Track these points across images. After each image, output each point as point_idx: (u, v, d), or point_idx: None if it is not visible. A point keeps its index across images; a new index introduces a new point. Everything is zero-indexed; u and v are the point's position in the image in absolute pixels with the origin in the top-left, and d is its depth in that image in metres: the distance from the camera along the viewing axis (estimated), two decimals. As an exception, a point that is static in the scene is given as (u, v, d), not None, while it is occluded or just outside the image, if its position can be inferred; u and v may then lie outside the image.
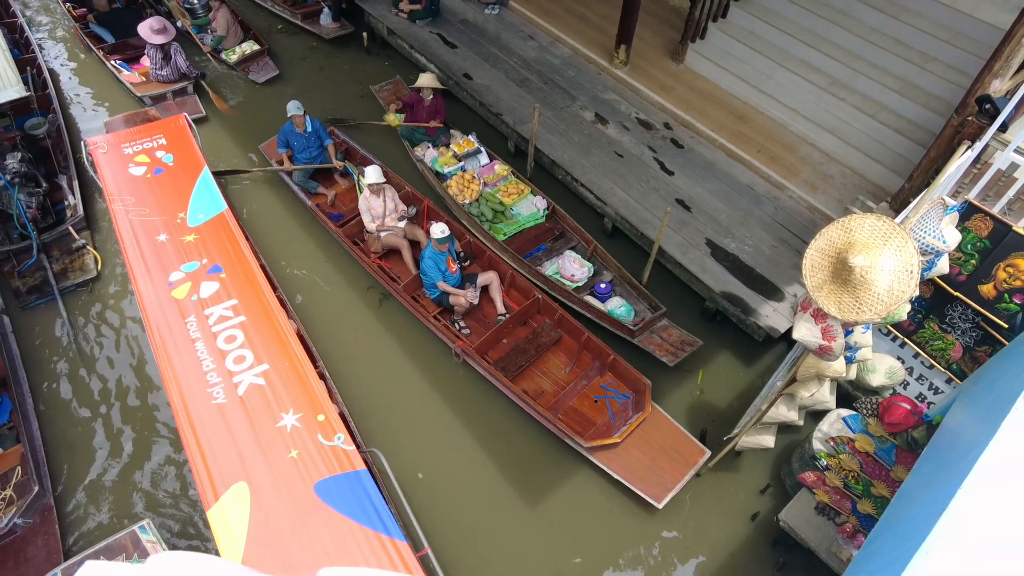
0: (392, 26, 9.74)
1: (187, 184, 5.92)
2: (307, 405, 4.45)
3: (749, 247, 6.98)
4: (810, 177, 7.56)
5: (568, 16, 9.82)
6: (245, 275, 5.21)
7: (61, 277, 6.86)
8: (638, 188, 7.53)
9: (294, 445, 4.20)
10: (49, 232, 7.02)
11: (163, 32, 8.67)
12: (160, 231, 5.56)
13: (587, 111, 8.47)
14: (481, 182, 7.61)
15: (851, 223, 3.65)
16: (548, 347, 6.49)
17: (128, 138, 6.64)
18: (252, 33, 9.83)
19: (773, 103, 8.22)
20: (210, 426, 4.28)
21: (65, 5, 10.20)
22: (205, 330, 4.82)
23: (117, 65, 9.24)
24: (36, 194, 6.94)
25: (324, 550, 3.72)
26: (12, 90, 6.95)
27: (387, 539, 3.83)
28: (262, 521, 3.82)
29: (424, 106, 8.07)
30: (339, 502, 3.92)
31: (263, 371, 4.59)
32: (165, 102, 8.92)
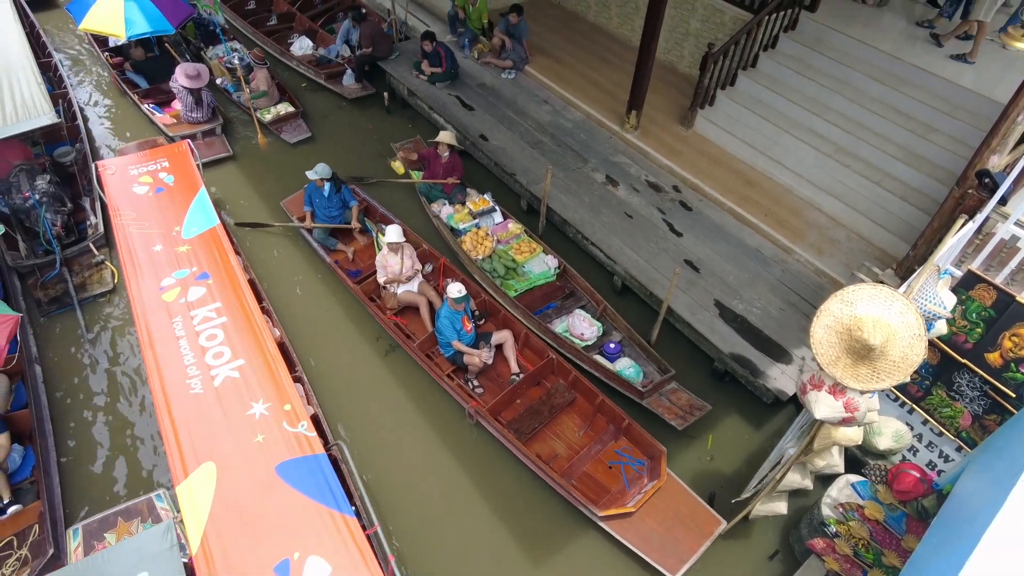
0: (413, 87, 10.16)
1: (184, 201, 6.47)
2: (276, 396, 4.85)
3: (757, 309, 7.09)
4: (817, 241, 7.72)
5: (581, 82, 10.21)
6: (230, 282, 5.70)
7: (80, 289, 7.45)
8: (647, 248, 7.71)
9: (261, 430, 4.59)
10: (71, 248, 7.65)
11: (197, 78, 9.40)
12: (156, 242, 6.09)
13: (598, 173, 8.73)
14: (495, 239, 7.82)
15: (849, 295, 3.75)
16: (562, 409, 6.52)
17: (135, 161, 7.22)
18: (287, 95, 10.29)
19: (780, 168, 8.46)
20: (185, 412, 4.70)
21: (104, 55, 10.92)
22: (189, 329, 5.28)
23: (151, 108, 9.96)
24: (61, 213, 7.61)
25: (280, 522, 4.09)
26: (45, 117, 7.56)
27: (338, 514, 4.18)
28: (226, 497, 4.21)
29: (441, 162, 8.36)
30: (297, 481, 4.29)
31: (239, 365, 5.02)
32: (195, 142, 9.40)
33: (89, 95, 10.76)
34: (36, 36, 10.72)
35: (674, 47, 10.35)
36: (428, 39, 9.90)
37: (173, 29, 9.20)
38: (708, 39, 9.46)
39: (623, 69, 10.17)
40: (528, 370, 6.77)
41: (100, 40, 11.05)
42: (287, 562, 3.91)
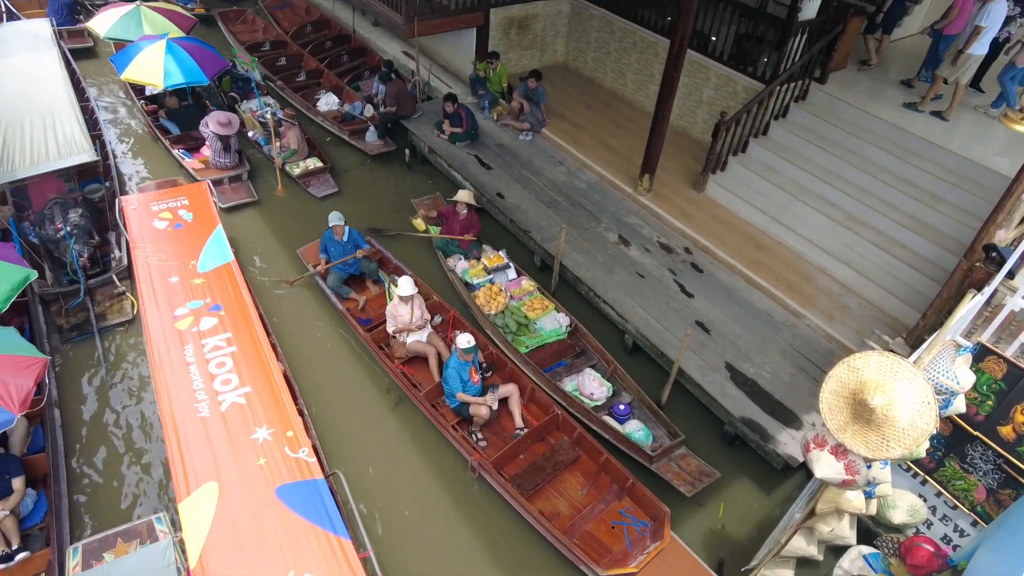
0: (433, 146, 10.50)
1: (202, 237, 6.77)
2: (279, 422, 5.01)
3: (768, 373, 7.10)
4: (827, 307, 7.77)
5: (596, 145, 10.51)
6: (241, 314, 5.92)
7: (101, 318, 7.72)
8: (658, 308, 7.79)
9: (263, 454, 4.75)
10: (95, 279, 7.97)
11: (228, 126, 9.86)
12: (173, 274, 6.36)
13: (611, 232, 8.90)
14: (508, 295, 7.94)
15: (857, 362, 3.78)
16: (565, 466, 6.48)
17: (156, 198, 7.55)
18: (317, 151, 10.65)
19: (790, 234, 8.59)
20: (191, 434, 4.86)
21: (140, 102, 11.50)
22: (200, 356, 5.51)
23: (181, 153, 10.40)
24: (89, 245, 8.01)
25: (277, 542, 4.22)
26: (85, 155, 8.12)
27: (334, 537, 4.30)
28: (226, 515, 4.34)
29: (458, 219, 8.56)
30: (296, 503, 4.45)
31: (245, 392, 5.20)
32: (221, 186, 9.87)
33: (121, 138, 11.31)
34: (77, 82, 11.29)
35: (687, 113, 10.67)
36: (450, 100, 10.29)
37: (207, 80, 9.80)
38: (721, 107, 9.77)
39: (637, 133, 10.47)
40: (533, 425, 6.76)
41: (137, 88, 11.62)
42: None
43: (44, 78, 9.29)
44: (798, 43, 9.06)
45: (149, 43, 9.76)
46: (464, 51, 12.19)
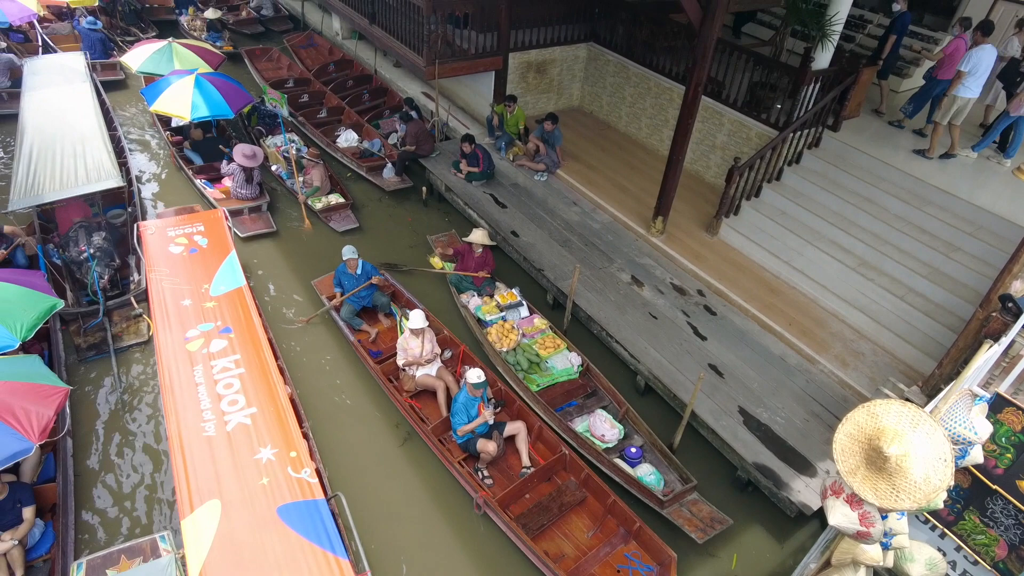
0: (450, 184, 10.66)
1: (215, 262, 6.92)
2: (283, 443, 5.08)
3: (781, 418, 7.02)
4: (841, 353, 7.71)
5: (610, 187, 10.63)
6: (251, 337, 6.03)
7: (117, 339, 7.91)
8: (671, 349, 7.76)
9: (266, 474, 4.82)
10: (114, 300, 8.16)
11: (253, 158, 10.10)
12: (186, 297, 6.49)
13: (624, 273, 8.94)
14: (520, 332, 7.95)
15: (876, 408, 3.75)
16: (572, 507, 6.39)
17: (174, 224, 7.74)
18: (339, 187, 10.85)
19: (803, 278, 8.58)
20: (197, 452, 4.94)
21: (165, 133, 11.87)
22: (208, 377, 5.59)
23: (203, 184, 10.66)
24: (110, 267, 8.31)
25: (276, 560, 4.27)
26: (112, 180, 8.47)
27: (332, 556, 4.34)
28: (227, 533, 4.39)
29: (473, 257, 8.64)
30: (296, 523, 4.50)
31: (251, 413, 5.28)
32: (241, 216, 10.13)
33: (146, 166, 11.67)
34: (106, 112, 11.67)
35: (701, 158, 10.80)
36: (468, 141, 10.49)
37: (232, 114, 10.13)
38: (734, 152, 9.89)
39: (650, 176, 10.60)
40: (540, 464, 6.69)
41: (163, 120, 12.08)
42: None
43: (76, 108, 9.69)
44: (811, 92, 9.21)
45: (179, 77, 10.14)
46: (482, 93, 12.47)
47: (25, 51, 14.01)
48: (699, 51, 8.02)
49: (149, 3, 17.43)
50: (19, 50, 14.00)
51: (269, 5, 17.58)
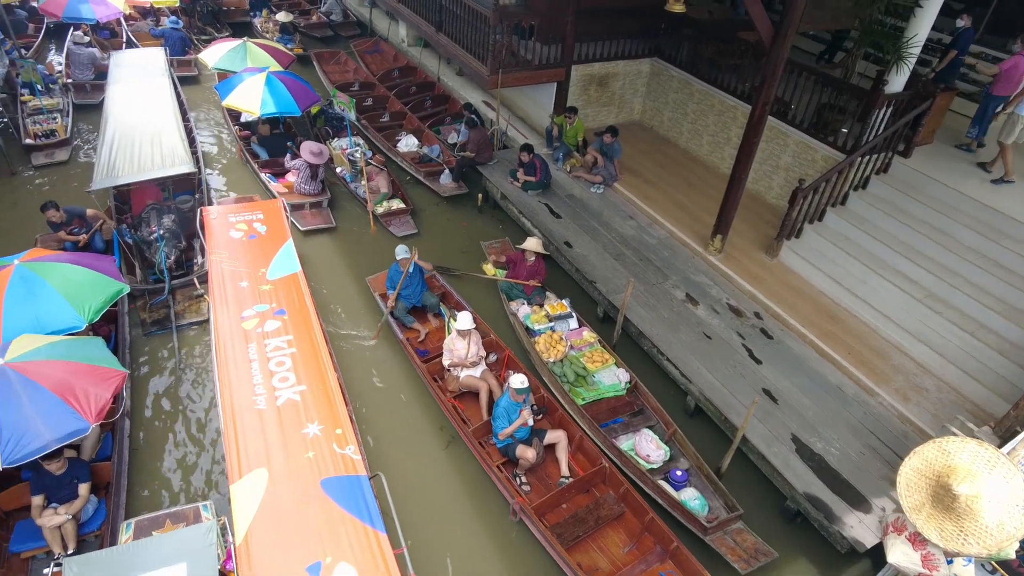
0: (506, 192, 10.71)
1: (273, 249, 7.16)
2: (329, 420, 5.23)
3: (836, 450, 6.77)
4: (902, 387, 7.40)
5: (668, 203, 10.50)
6: (303, 321, 6.22)
7: (179, 316, 8.37)
8: (724, 371, 7.59)
9: (312, 448, 4.98)
10: (178, 280, 8.60)
11: (319, 155, 10.37)
12: (244, 279, 6.72)
13: (678, 290, 8.80)
14: (568, 344, 7.89)
15: (949, 445, 3.60)
16: (609, 521, 6.28)
17: (235, 211, 8.04)
18: (400, 193, 11.00)
19: (865, 307, 8.29)
20: (248, 423, 5.15)
21: (235, 127, 12.39)
22: (261, 355, 5.81)
23: (268, 178, 11.03)
24: (177, 249, 8.76)
25: (317, 529, 4.41)
26: (185, 166, 8.92)
27: (371, 530, 4.45)
28: (272, 500, 4.57)
29: (525, 265, 8.64)
30: (338, 496, 4.64)
31: (300, 391, 5.47)
32: (302, 211, 10.46)
33: (214, 157, 12.17)
34: (180, 104, 12.22)
35: (763, 178, 10.59)
36: (526, 150, 10.53)
37: (299, 112, 10.50)
38: (798, 174, 9.66)
39: (709, 194, 10.44)
40: (579, 475, 6.60)
41: (233, 114, 12.56)
42: (319, 564, 4.20)
43: (155, 100, 10.22)
44: (882, 116, 8.94)
45: (251, 75, 10.56)
46: (542, 104, 12.52)
47: (111, 46, 14.76)
48: (768, 70, 7.88)
49: (225, 5, 18.17)
50: (105, 45, 14.77)
51: (338, 11, 18.09)
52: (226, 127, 12.98)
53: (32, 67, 12.53)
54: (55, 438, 5.04)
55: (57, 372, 5.38)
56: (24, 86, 12.44)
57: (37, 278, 6.25)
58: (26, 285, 6.20)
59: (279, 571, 4.17)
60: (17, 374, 5.23)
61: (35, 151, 11.36)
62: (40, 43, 15.48)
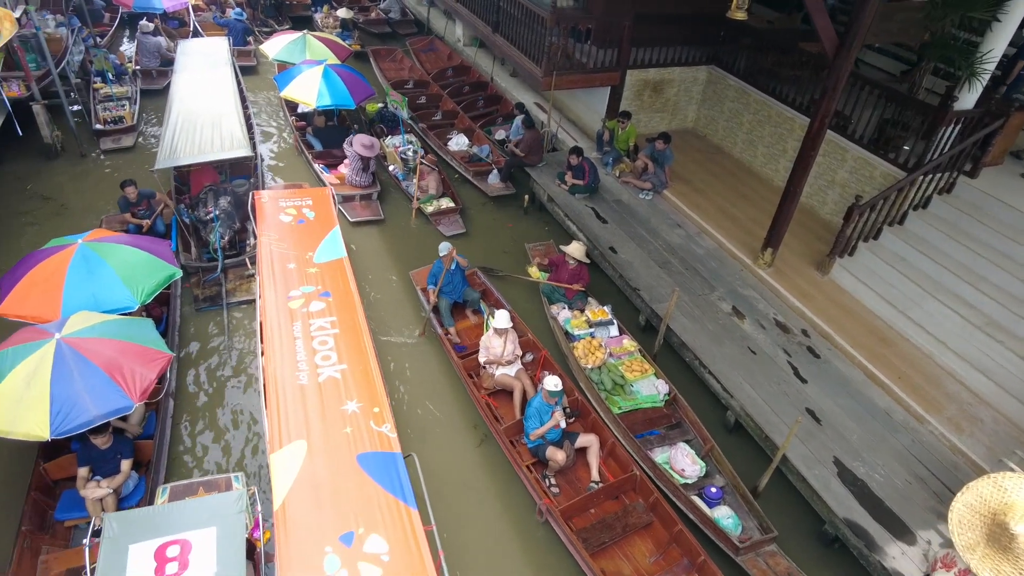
0: (553, 194, 10.67)
1: (320, 234, 7.36)
2: (368, 399, 5.39)
3: (880, 476, 6.53)
4: (955, 416, 7.09)
5: (717, 212, 10.31)
6: (346, 304, 6.41)
7: (230, 294, 8.68)
8: (768, 388, 7.40)
9: (350, 424, 5.14)
10: (231, 259, 8.92)
11: (371, 148, 10.55)
12: (291, 261, 6.94)
13: (724, 302, 8.62)
14: (607, 351, 7.79)
15: (1007, 482, 3.43)
16: (636, 529, 6.18)
17: (285, 196, 8.29)
18: (450, 192, 11.05)
19: (920, 331, 7.97)
20: (290, 397, 5.33)
21: (291, 118, 12.71)
22: (306, 333, 6.00)
23: (321, 168, 11.24)
24: (231, 229, 9.10)
25: (351, 501, 4.54)
26: (243, 150, 9.24)
27: (403, 505, 4.58)
28: (309, 473, 4.73)
29: (567, 269, 8.58)
30: (372, 470, 4.79)
31: (341, 369, 5.65)
32: (352, 202, 10.65)
33: (270, 145, 12.53)
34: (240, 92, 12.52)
35: (817, 193, 10.31)
36: (576, 153, 10.48)
37: (354, 105, 10.69)
38: (855, 190, 9.38)
39: (761, 207, 10.21)
40: (609, 480, 6.52)
41: (290, 105, 12.90)
42: (351, 534, 4.35)
43: (218, 86, 10.60)
44: (950, 134, 8.60)
45: (309, 67, 10.81)
46: (594, 108, 12.46)
47: (178, 35, 15.36)
48: (830, 82, 7.66)
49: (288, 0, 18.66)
50: (173, 34, 15.41)
51: (397, 9, 18.36)
52: (283, 117, 13.33)
53: (104, 56, 13.11)
54: (100, 413, 5.20)
55: (107, 350, 5.55)
56: (97, 74, 12.99)
57: (98, 258, 6.48)
58: (87, 264, 6.42)
59: (313, 538, 4.31)
60: (71, 349, 5.41)
61: (103, 136, 11.85)
62: (114, 32, 16.18)
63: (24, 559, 5.32)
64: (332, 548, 4.25)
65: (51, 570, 5.43)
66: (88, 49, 13.87)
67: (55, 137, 11.25)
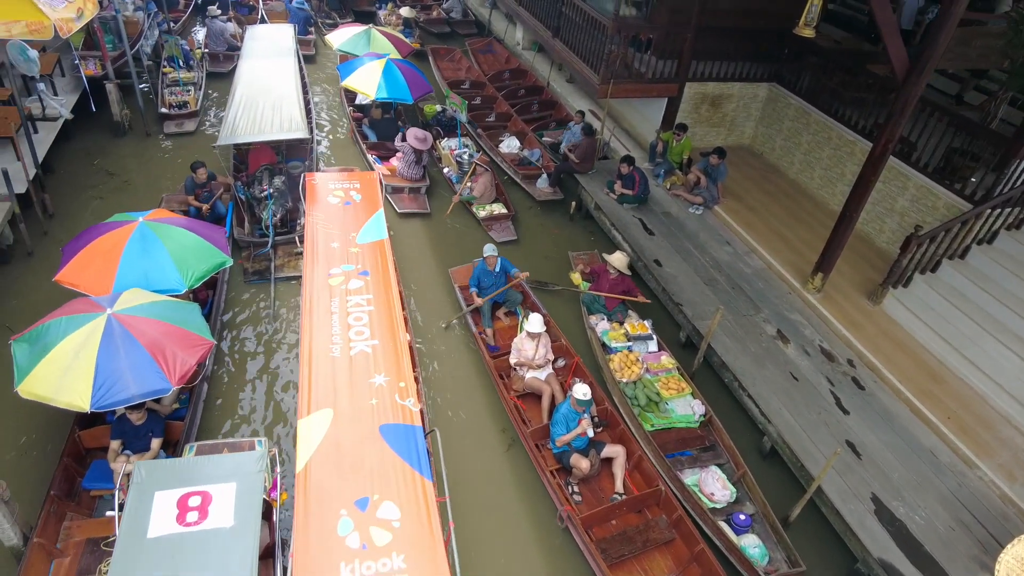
0: (600, 203, 10.57)
1: (365, 216, 7.56)
2: (395, 374, 5.56)
3: (920, 519, 6.25)
4: (1008, 463, 6.73)
5: (769, 233, 10.05)
6: (384, 283, 6.58)
7: (279, 269, 9.06)
8: (807, 417, 7.16)
9: (376, 396, 5.31)
10: (281, 237, 9.27)
11: (424, 141, 10.72)
12: (335, 240, 7.14)
13: (769, 325, 8.40)
14: (644, 367, 7.65)
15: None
16: (657, 545, 6.05)
17: (335, 178, 8.51)
18: (503, 197, 10.97)
19: (974, 371, 7.61)
20: (322, 367, 5.54)
21: (349, 108, 12.97)
22: (342, 309, 6.20)
23: (374, 159, 11.48)
24: (283, 207, 9.45)
25: (370, 468, 4.71)
26: (301, 132, 9.63)
27: (419, 476, 4.72)
28: (333, 439, 4.91)
29: (608, 279, 8.47)
30: (393, 441, 4.95)
31: (373, 344, 5.83)
32: (401, 194, 10.87)
33: (326, 132, 12.87)
34: (302, 78, 12.86)
35: (874, 220, 9.97)
36: (627, 162, 10.36)
37: (412, 100, 10.86)
38: (915, 220, 9.04)
39: (814, 230, 9.92)
40: (633, 493, 6.41)
41: (349, 96, 13.16)
42: (367, 499, 4.50)
43: (281, 71, 10.97)
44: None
45: (371, 59, 11.05)
46: (649, 118, 12.33)
47: (247, 21, 15.85)
48: (898, 106, 7.41)
49: (355, -7, 19.08)
50: (242, 20, 16.01)
51: (459, 9, 18.53)
52: (339, 107, 13.63)
53: (176, 43, 13.61)
54: (139, 392, 5.28)
55: (153, 331, 5.64)
56: (167, 59, 13.49)
57: (155, 238, 6.63)
58: (144, 243, 6.57)
59: (331, 500, 4.48)
60: (120, 326, 5.52)
61: (167, 120, 12.27)
62: (188, 18, 16.76)
63: (49, 523, 5.44)
64: (347, 511, 4.42)
65: (72, 537, 5.54)
66: (161, 34, 14.41)
67: (124, 116, 11.71)
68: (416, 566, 4.15)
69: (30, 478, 6.04)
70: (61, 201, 9.80)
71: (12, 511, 5.22)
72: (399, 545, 4.26)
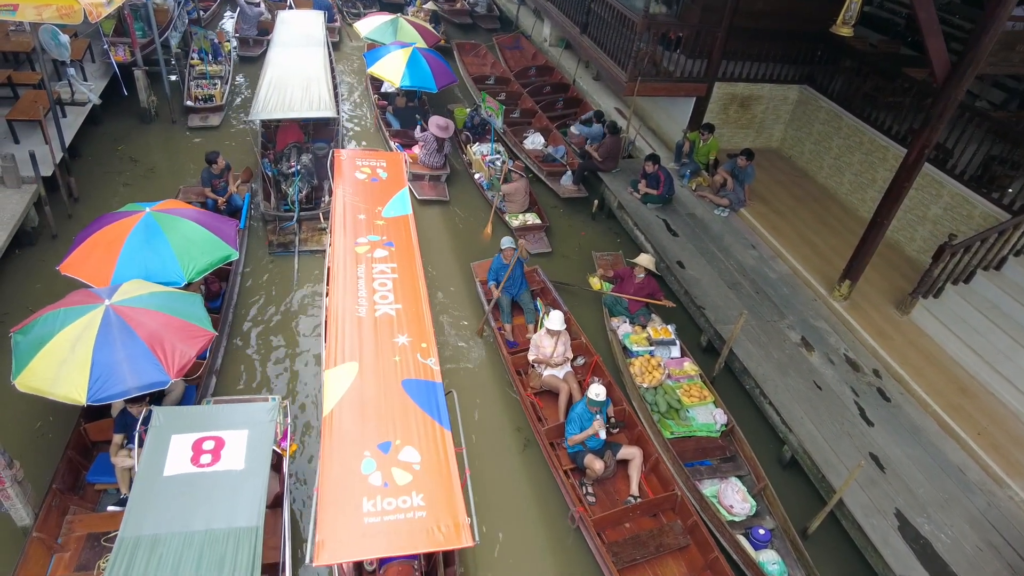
0: (624, 202, 10.42)
1: (390, 192, 7.71)
2: (417, 334, 5.78)
3: (947, 537, 6.04)
4: (1042, 484, 6.55)
5: (796, 238, 9.84)
6: (407, 254, 6.78)
7: (303, 243, 9.41)
8: (830, 427, 6.97)
9: (399, 354, 5.53)
10: (306, 212, 9.62)
11: (446, 130, 10.74)
12: (362, 212, 7.28)
13: (793, 332, 8.20)
14: (666, 372, 7.50)
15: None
16: (670, 550, 5.92)
17: (362, 156, 8.58)
18: (537, 208, 10.53)
19: (1007, 387, 7.36)
20: (348, 325, 5.76)
21: (374, 96, 13.05)
22: (368, 275, 6.41)
23: (396, 147, 11.59)
24: (309, 184, 9.80)
25: (392, 417, 4.96)
26: (329, 111, 10.05)
27: (438, 426, 4.94)
28: (358, 389, 5.13)
29: (633, 282, 8.33)
30: (415, 395, 5.17)
31: (396, 308, 6.04)
32: (422, 181, 10.97)
33: (351, 117, 13.07)
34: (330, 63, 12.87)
35: (905, 227, 9.71)
36: (652, 161, 10.20)
37: (436, 89, 10.88)
38: (948, 229, 8.79)
39: (843, 236, 9.70)
40: (648, 496, 6.28)
41: (375, 83, 13.22)
42: (389, 444, 4.72)
43: (310, 53, 11.26)
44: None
45: (398, 48, 11.11)
46: (676, 118, 12.15)
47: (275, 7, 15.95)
48: (935, 111, 7.19)
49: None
50: (271, 6, 16.11)
51: (484, 3, 18.41)
52: (366, 93, 13.72)
53: (204, 35, 13.68)
54: (136, 385, 5.18)
55: (152, 322, 5.54)
56: (196, 52, 13.55)
57: (159, 229, 6.57)
58: (147, 233, 6.50)
59: (355, 443, 4.70)
60: (118, 318, 5.42)
61: (192, 113, 12.24)
62: (217, 7, 16.83)
63: (51, 517, 5.41)
64: (370, 453, 4.63)
65: (74, 531, 5.52)
66: (190, 23, 14.49)
67: (151, 102, 11.78)
68: (434, 505, 4.37)
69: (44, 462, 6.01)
70: (86, 185, 9.86)
71: (25, 491, 5.22)
72: (419, 486, 4.47)
